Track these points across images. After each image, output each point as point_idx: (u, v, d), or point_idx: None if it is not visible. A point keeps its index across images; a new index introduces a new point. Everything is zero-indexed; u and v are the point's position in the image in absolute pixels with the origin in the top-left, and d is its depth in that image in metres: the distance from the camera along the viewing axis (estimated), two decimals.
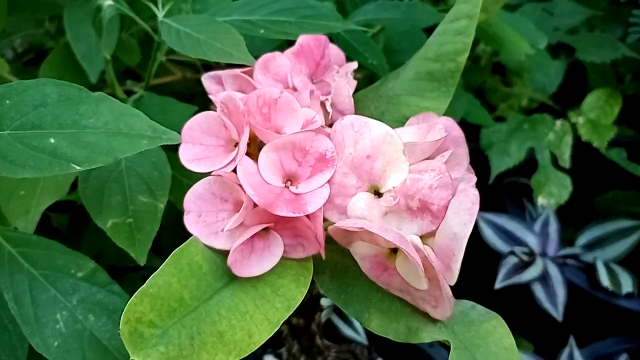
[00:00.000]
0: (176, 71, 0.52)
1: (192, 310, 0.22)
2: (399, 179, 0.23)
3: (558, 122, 0.63)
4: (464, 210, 0.22)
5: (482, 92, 0.73)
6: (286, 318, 0.24)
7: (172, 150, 0.32)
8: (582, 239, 0.60)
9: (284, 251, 0.24)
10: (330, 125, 0.29)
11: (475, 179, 0.24)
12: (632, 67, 0.69)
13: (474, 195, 0.22)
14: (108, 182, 0.30)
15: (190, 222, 0.24)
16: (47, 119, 0.24)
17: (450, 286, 0.23)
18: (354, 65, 0.31)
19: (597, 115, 0.67)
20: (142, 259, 0.29)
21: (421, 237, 0.24)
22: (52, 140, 0.23)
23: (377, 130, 0.23)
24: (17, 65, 0.65)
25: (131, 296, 0.34)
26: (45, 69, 0.45)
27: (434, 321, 0.25)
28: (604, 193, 0.66)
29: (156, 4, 0.33)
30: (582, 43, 0.59)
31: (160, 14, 0.32)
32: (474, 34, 0.29)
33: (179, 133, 0.31)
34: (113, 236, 0.30)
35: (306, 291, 0.25)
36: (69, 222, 0.46)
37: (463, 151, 0.26)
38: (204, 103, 0.60)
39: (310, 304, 0.33)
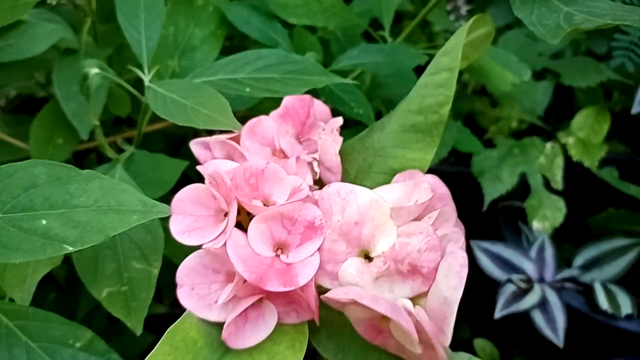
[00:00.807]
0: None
1: None
2: (387, 244, 0.23)
3: (548, 145, 0.64)
4: (453, 274, 0.22)
5: (472, 115, 0.74)
6: None
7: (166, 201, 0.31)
8: (579, 259, 0.60)
9: (278, 317, 0.24)
10: (318, 182, 0.30)
11: (463, 239, 0.24)
12: (620, 83, 0.70)
13: (462, 257, 0.23)
14: (102, 250, 0.30)
15: (183, 295, 0.24)
16: (38, 200, 0.24)
17: None
18: (339, 121, 0.31)
19: (586, 134, 0.67)
20: (139, 328, 0.29)
21: (414, 297, 0.24)
22: (44, 222, 0.23)
23: (364, 197, 0.24)
24: (9, 109, 0.65)
25: (132, 350, 0.33)
26: (37, 125, 0.45)
27: None
28: (599, 211, 0.66)
29: (142, 68, 0.33)
30: (566, 68, 0.60)
31: (146, 78, 0.32)
32: (455, 86, 0.30)
33: (172, 188, 0.32)
34: (109, 306, 0.30)
35: (302, 356, 0.25)
36: (65, 279, 0.46)
37: (450, 209, 0.26)
38: None
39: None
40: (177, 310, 0.25)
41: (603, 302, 0.53)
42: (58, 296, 0.50)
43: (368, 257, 0.24)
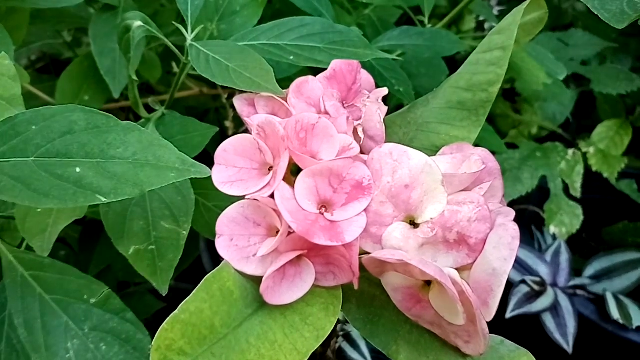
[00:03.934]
0: (193, 86, 0.52)
1: (222, 338, 0.22)
2: (437, 210, 0.23)
3: (570, 151, 0.63)
4: (504, 245, 0.22)
5: (492, 118, 0.74)
6: (315, 348, 0.23)
7: None
8: (590, 270, 0.60)
9: (315, 278, 0.24)
10: (360, 151, 0.29)
11: (513, 212, 0.24)
12: None
13: (513, 230, 0.22)
14: (131, 207, 0.29)
15: (222, 245, 0.23)
16: (74, 147, 0.23)
17: None
18: (385, 91, 0.30)
19: (607, 145, 0.67)
20: (164, 287, 0.29)
21: (457, 269, 0.23)
22: (78, 170, 0.22)
23: (417, 160, 0.23)
24: (30, 72, 0.65)
25: (140, 316, 0.32)
26: (64, 80, 0.45)
27: (464, 356, 0.24)
28: (613, 224, 0.66)
29: (185, 26, 0.32)
30: (597, 74, 0.59)
31: (189, 37, 0.32)
32: (507, 65, 0.29)
33: (200, 153, 0.30)
34: (135, 263, 0.29)
35: (335, 321, 0.24)
36: (79, 236, 0.46)
37: (498, 183, 0.25)
38: (218, 119, 0.60)
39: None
40: (183, 285, 0.24)
41: (614, 312, 0.53)
42: (67, 257, 0.49)
43: (414, 224, 0.23)
